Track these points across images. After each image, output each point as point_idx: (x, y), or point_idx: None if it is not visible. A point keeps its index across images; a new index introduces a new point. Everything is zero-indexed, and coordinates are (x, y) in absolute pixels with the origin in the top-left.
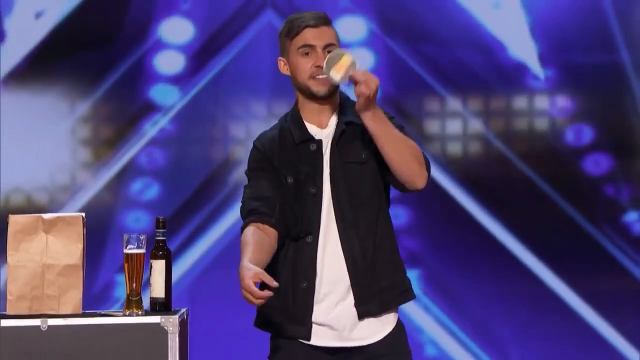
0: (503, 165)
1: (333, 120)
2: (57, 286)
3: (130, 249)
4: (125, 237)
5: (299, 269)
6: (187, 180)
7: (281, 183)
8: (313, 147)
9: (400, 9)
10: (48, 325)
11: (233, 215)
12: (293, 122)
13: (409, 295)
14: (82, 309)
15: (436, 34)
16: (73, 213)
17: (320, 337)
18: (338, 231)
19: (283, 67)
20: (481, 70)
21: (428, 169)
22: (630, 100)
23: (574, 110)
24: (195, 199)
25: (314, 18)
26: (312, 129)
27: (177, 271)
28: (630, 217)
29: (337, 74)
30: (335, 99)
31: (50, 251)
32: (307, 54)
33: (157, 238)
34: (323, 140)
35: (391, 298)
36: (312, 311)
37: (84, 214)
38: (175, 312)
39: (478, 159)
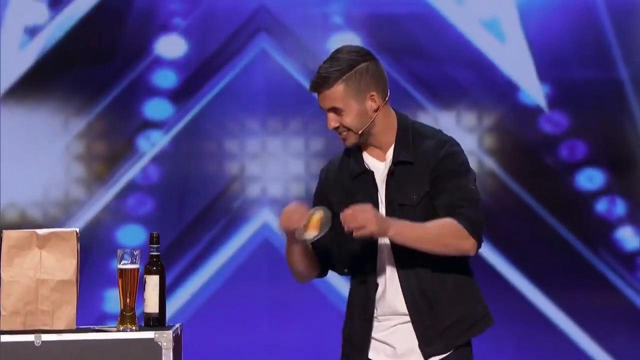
0: (496, 183)
1: (389, 154)
2: (50, 301)
3: (124, 264)
4: (120, 252)
5: (358, 308)
6: (187, 196)
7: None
8: (368, 180)
9: (392, 27)
10: (42, 341)
11: (232, 231)
12: (353, 155)
13: (481, 326)
14: (76, 325)
15: (426, 51)
16: (67, 229)
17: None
18: (397, 272)
19: None
20: (473, 86)
21: (475, 233)
22: (627, 117)
23: (568, 125)
24: (197, 218)
25: (312, 83)
26: (371, 161)
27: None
28: (622, 233)
29: (310, 234)
30: (380, 136)
31: (44, 266)
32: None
33: (151, 253)
34: (376, 173)
35: (458, 334)
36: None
37: (77, 229)
38: (169, 328)
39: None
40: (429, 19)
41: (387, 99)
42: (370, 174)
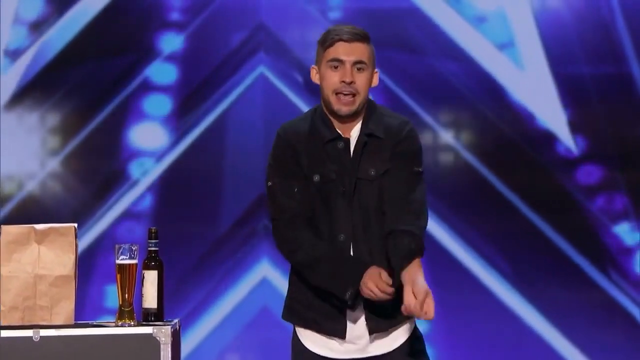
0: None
1: (356, 128)
2: (49, 297)
3: (123, 260)
4: (118, 247)
5: None
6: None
7: (307, 180)
8: (340, 145)
9: (388, 24)
10: (40, 336)
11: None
12: (321, 120)
13: None
14: (75, 320)
15: (425, 52)
16: (65, 224)
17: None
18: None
19: (315, 76)
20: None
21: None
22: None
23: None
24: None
25: (349, 33)
26: (342, 130)
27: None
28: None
29: None
30: (358, 116)
31: (43, 262)
32: (336, 67)
33: (150, 249)
34: (350, 141)
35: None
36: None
37: (76, 225)
38: (167, 323)
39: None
40: (420, 18)
41: None
42: (346, 140)
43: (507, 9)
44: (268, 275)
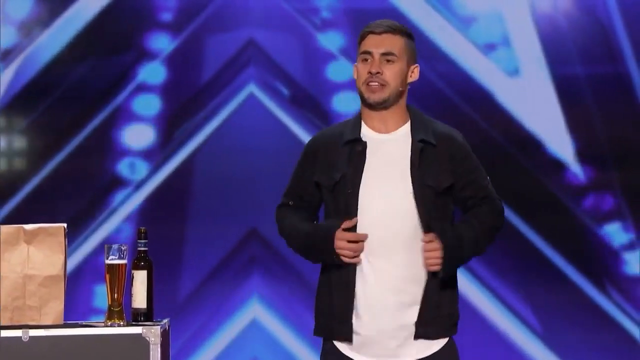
0: None
1: (403, 130)
2: (38, 297)
3: (112, 260)
4: (107, 247)
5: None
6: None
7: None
8: (359, 148)
9: None
10: (29, 336)
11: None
12: (354, 120)
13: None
14: (64, 320)
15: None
16: (55, 224)
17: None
18: None
19: (355, 73)
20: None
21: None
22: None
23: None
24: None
25: (380, 25)
26: (369, 133)
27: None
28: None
29: None
30: (398, 110)
31: (32, 262)
32: (366, 60)
33: (139, 249)
34: (369, 143)
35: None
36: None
37: (65, 225)
38: (157, 323)
39: None
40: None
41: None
42: (363, 143)
43: (502, 9)
44: (259, 315)
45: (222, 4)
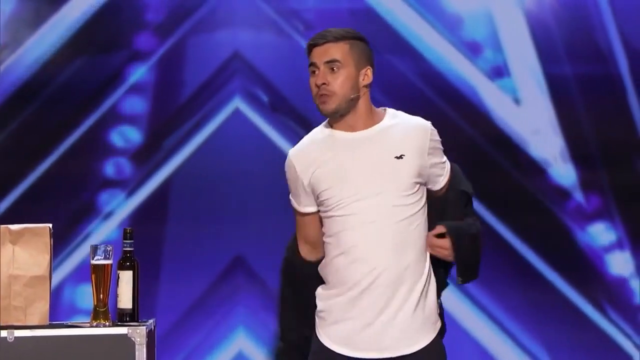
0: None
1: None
2: (23, 297)
3: (98, 260)
4: (93, 248)
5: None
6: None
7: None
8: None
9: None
10: (15, 337)
11: None
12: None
13: None
14: (49, 320)
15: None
16: (40, 224)
17: None
18: None
19: None
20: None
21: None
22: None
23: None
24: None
25: (322, 36)
26: (341, 135)
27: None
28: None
29: None
30: (362, 113)
31: (17, 262)
32: (313, 72)
33: (125, 249)
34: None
35: None
36: None
37: (50, 225)
38: (142, 323)
39: None
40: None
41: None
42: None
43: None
44: (245, 348)
45: (209, 7)
